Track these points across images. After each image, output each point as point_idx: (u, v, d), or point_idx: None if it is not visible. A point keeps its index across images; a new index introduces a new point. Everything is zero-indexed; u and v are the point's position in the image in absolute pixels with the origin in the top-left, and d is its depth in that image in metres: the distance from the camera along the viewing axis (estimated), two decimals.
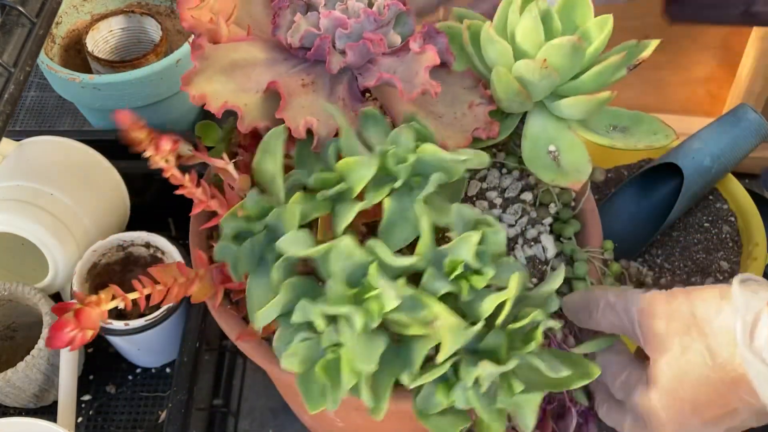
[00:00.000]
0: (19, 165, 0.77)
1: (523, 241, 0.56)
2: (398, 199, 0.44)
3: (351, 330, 0.39)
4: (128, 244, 0.76)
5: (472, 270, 0.42)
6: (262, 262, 0.44)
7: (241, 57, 0.48)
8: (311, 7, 0.49)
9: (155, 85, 0.86)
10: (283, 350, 0.41)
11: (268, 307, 0.41)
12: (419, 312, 0.40)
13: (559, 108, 0.52)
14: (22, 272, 0.80)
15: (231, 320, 0.51)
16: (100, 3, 0.98)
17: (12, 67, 0.45)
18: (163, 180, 0.46)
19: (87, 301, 0.41)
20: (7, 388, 0.69)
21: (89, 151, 0.79)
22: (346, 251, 0.40)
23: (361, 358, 0.38)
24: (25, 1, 0.47)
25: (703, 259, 0.76)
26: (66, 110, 1.08)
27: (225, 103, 0.45)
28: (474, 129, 0.50)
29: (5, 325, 0.77)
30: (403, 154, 0.43)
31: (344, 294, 0.40)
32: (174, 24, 1.00)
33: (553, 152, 0.53)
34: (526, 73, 0.50)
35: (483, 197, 0.58)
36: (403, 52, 0.49)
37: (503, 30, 0.52)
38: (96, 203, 0.78)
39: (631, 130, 0.55)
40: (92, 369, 0.81)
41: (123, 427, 0.77)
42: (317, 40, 0.47)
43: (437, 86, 0.46)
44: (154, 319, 0.71)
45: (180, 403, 0.67)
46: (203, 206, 0.48)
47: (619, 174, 0.83)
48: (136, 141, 0.43)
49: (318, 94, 0.48)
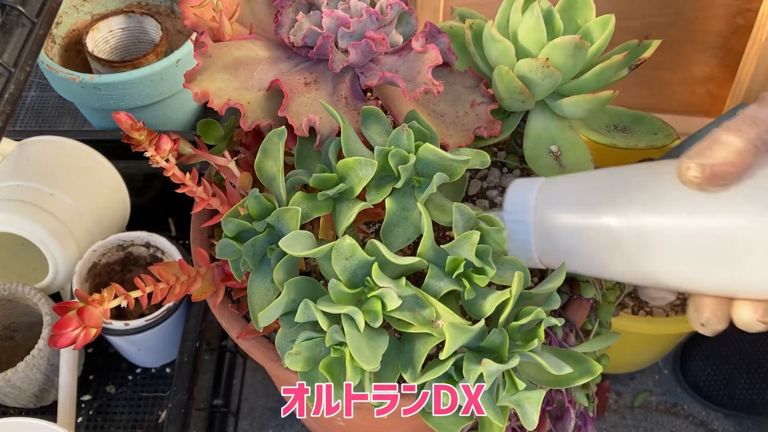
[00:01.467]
0: (20, 165, 0.77)
1: None
2: (399, 198, 0.44)
3: (354, 329, 0.39)
4: (128, 244, 0.76)
5: (474, 268, 0.42)
6: (264, 260, 0.44)
7: (244, 55, 0.48)
8: (313, 6, 0.49)
9: (155, 85, 0.86)
10: (286, 349, 0.41)
11: (271, 306, 0.41)
12: (421, 311, 0.40)
13: (560, 107, 0.52)
14: (22, 272, 0.80)
15: (232, 318, 0.51)
16: (100, 3, 0.98)
17: (12, 67, 0.45)
18: (163, 180, 0.46)
19: (89, 300, 0.41)
20: (7, 388, 0.69)
21: (89, 151, 0.79)
22: (347, 251, 0.40)
23: (364, 356, 0.38)
24: (25, 1, 0.47)
25: None
26: (66, 110, 1.08)
27: (228, 100, 0.45)
28: (476, 128, 0.51)
29: (5, 325, 0.77)
30: (405, 153, 0.43)
31: (346, 293, 0.40)
32: (174, 24, 1.00)
33: (555, 152, 0.53)
34: (528, 72, 0.50)
35: (484, 196, 0.58)
36: (405, 52, 0.49)
37: (505, 29, 0.53)
38: (96, 203, 0.78)
39: (631, 129, 0.55)
40: (92, 369, 0.81)
41: (123, 427, 0.77)
42: (320, 39, 0.47)
43: (440, 85, 0.46)
44: (154, 319, 0.71)
45: (180, 403, 0.67)
46: (204, 204, 0.48)
47: None
48: (136, 142, 0.43)
49: (320, 93, 0.48)
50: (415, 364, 0.41)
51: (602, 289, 0.56)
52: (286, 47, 0.50)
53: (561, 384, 0.43)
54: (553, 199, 0.45)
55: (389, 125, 0.46)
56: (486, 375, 0.39)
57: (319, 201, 0.43)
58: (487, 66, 0.54)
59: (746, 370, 0.82)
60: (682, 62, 0.90)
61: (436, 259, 0.43)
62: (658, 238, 0.40)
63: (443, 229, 0.54)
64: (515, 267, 0.43)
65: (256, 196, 0.43)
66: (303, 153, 0.48)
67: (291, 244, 0.40)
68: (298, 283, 0.42)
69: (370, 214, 0.49)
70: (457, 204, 0.43)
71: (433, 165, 0.43)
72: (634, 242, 0.41)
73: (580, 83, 0.51)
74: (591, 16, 0.52)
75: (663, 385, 0.85)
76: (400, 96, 0.50)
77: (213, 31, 0.48)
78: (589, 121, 0.55)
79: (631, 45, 0.54)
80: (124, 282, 0.78)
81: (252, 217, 0.44)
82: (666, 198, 0.40)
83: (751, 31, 0.87)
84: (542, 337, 0.41)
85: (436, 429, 0.42)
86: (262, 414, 0.81)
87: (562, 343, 0.52)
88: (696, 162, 0.37)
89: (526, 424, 0.40)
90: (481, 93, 0.53)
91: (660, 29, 0.88)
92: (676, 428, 0.82)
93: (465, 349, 0.42)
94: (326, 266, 0.41)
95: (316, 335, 0.41)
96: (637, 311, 0.74)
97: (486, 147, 0.56)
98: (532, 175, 0.59)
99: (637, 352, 0.81)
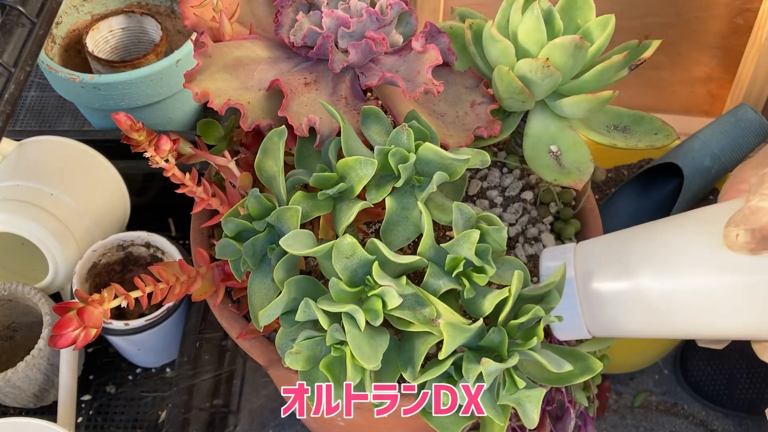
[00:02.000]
0: (19, 165, 0.77)
1: (524, 239, 0.56)
2: (400, 197, 0.44)
3: (355, 328, 0.39)
4: (128, 244, 0.76)
5: (474, 267, 0.42)
6: (264, 260, 0.44)
7: (244, 55, 0.48)
8: (313, 5, 0.49)
9: (155, 85, 0.86)
10: (287, 348, 0.41)
11: (272, 305, 0.41)
12: (422, 309, 0.40)
13: (560, 107, 0.52)
14: (22, 272, 0.80)
15: (232, 318, 0.51)
16: (100, 3, 0.98)
17: (12, 67, 0.45)
18: (163, 180, 0.46)
19: (90, 300, 0.41)
20: (7, 388, 0.69)
21: (89, 151, 0.79)
22: (348, 250, 0.40)
23: (365, 355, 0.38)
24: (25, 1, 0.47)
25: None
26: (66, 110, 1.08)
27: (228, 100, 0.45)
28: (476, 128, 0.51)
29: (5, 325, 0.77)
30: (404, 153, 0.43)
31: (347, 292, 0.40)
32: (174, 24, 1.00)
33: (555, 152, 0.53)
34: (528, 72, 0.50)
35: (484, 196, 0.58)
36: (405, 52, 0.49)
37: (505, 29, 0.53)
38: (96, 203, 0.78)
39: (631, 129, 0.55)
40: (92, 369, 0.81)
41: (123, 427, 0.77)
42: (320, 39, 0.47)
43: (440, 85, 0.46)
44: (154, 319, 0.71)
45: (180, 403, 0.67)
46: (204, 204, 0.48)
47: (619, 174, 0.84)
48: (136, 142, 0.43)
49: (320, 93, 0.48)
50: (415, 363, 0.41)
51: None
52: (286, 47, 0.50)
53: (561, 382, 0.43)
54: (589, 267, 0.46)
55: (389, 125, 0.46)
56: (486, 374, 0.39)
57: (319, 200, 0.43)
58: (487, 66, 0.54)
59: (746, 369, 0.82)
60: (682, 62, 0.90)
61: (436, 257, 0.43)
62: (711, 297, 0.41)
63: (443, 228, 0.54)
64: (514, 266, 0.43)
65: (256, 196, 0.43)
66: (303, 153, 0.48)
67: (292, 242, 0.40)
68: (298, 282, 0.42)
69: (370, 214, 0.49)
70: (457, 203, 0.43)
71: (434, 164, 0.43)
72: (690, 302, 0.42)
73: (580, 83, 0.51)
74: (591, 16, 0.52)
75: (663, 385, 0.85)
76: (400, 96, 0.50)
77: (213, 31, 0.48)
78: (589, 121, 0.55)
79: (631, 45, 0.54)
80: (124, 282, 0.78)
81: (252, 217, 0.44)
82: (707, 259, 0.41)
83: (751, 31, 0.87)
84: (541, 335, 0.41)
85: (437, 429, 0.42)
86: (262, 414, 0.81)
87: (562, 343, 0.52)
88: (744, 228, 0.39)
89: (527, 423, 0.40)
90: (481, 93, 0.53)
91: (660, 29, 0.88)
92: (676, 428, 0.82)
93: (464, 348, 0.42)
94: (327, 265, 0.41)
95: (317, 334, 0.41)
96: None
97: (486, 147, 0.56)
98: (531, 175, 0.59)
99: (637, 352, 0.81)
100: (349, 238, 0.40)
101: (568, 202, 0.59)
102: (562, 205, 0.59)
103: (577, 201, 0.59)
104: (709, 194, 0.81)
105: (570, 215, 0.58)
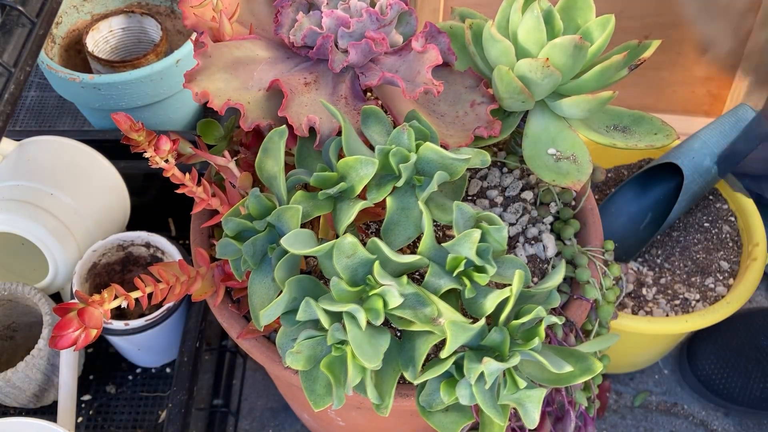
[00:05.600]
0: (19, 165, 0.77)
1: (524, 239, 0.56)
2: (400, 197, 0.44)
3: (356, 327, 0.39)
4: (128, 244, 0.76)
5: (474, 267, 0.42)
6: (264, 260, 0.44)
7: (244, 55, 0.48)
8: (313, 6, 0.49)
9: (155, 85, 0.86)
10: (287, 348, 0.41)
11: (272, 305, 0.41)
12: (423, 309, 0.40)
13: (560, 107, 0.52)
14: (22, 272, 0.80)
15: (232, 318, 0.51)
16: (100, 3, 0.98)
17: (12, 67, 0.45)
18: (163, 180, 0.46)
19: (90, 301, 0.41)
20: (7, 388, 0.69)
21: (89, 151, 0.79)
22: (349, 249, 0.40)
23: (366, 354, 0.38)
24: (25, 1, 0.47)
25: (703, 259, 0.77)
26: (66, 110, 1.08)
27: (228, 100, 0.45)
28: (476, 128, 0.51)
29: (5, 325, 0.77)
30: (405, 153, 0.43)
31: (348, 291, 0.40)
32: (174, 24, 1.00)
33: (554, 154, 0.53)
34: (528, 72, 0.50)
35: (484, 196, 0.58)
36: (405, 52, 0.49)
37: (505, 29, 0.53)
38: (96, 203, 0.78)
39: (631, 129, 0.55)
40: (92, 369, 0.81)
41: (123, 427, 0.77)
42: (319, 39, 0.47)
43: (440, 85, 0.46)
44: (154, 319, 0.71)
45: (180, 403, 0.67)
46: (204, 205, 0.48)
47: (619, 174, 0.84)
48: (135, 142, 0.43)
49: (320, 93, 0.48)
50: (416, 363, 0.41)
51: (602, 289, 0.56)
52: (286, 47, 0.50)
53: (562, 382, 0.43)
54: None
55: (390, 125, 0.46)
56: (487, 374, 0.39)
57: (320, 200, 0.43)
58: (487, 66, 0.54)
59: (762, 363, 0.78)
60: (682, 62, 0.90)
61: (437, 257, 0.43)
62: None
63: (444, 228, 0.54)
64: (515, 265, 0.43)
65: (256, 196, 0.43)
66: (303, 152, 0.48)
67: (293, 242, 0.40)
68: (299, 281, 0.42)
69: (371, 214, 0.49)
70: (457, 203, 0.43)
71: (434, 164, 0.43)
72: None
73: (580, 83, 0.51)
74: (591, 16, 0.52)
75: (663, 385, 0.85)
76: (400, 96, 0.50)
77: (213, 31, 0.48)
78: (588, 121, 0.55)
79: (631, 45, 0.54)
80: (124, 282, 0.78)
81: (252, 217, 0.44)
82: None
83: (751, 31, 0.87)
84: (543, 335, 0.41)
85: (437, 428, 0.42)
86: (262, 414, 0.81)
87: (562, 343, 0.52)
88: None
89: (527, 423, 0.40)
90: (481, 93, 0.53)
91: (660, 29, 0.88)
92: (676, 428, 0.82)
93: (465, 347, 0.42)
94: (327, 265, 0.41)
95: (318, 334, 0.41)
96: (637, 311, 0.74)
97: (486, 147, 0.56)
98: (531, 175, 0.59)
99: (637, 352, 0.81)
100: (351, 237, 0.40)
101: (568, 202, 0.59)
102: (562, 205, 0.59)
103: (577, 201, 0.59)
104: (709, 194, 0.81)
105: (570, 215, 0.58)
